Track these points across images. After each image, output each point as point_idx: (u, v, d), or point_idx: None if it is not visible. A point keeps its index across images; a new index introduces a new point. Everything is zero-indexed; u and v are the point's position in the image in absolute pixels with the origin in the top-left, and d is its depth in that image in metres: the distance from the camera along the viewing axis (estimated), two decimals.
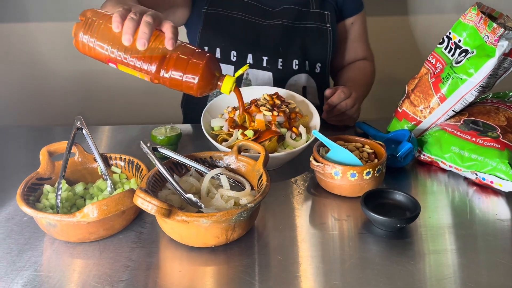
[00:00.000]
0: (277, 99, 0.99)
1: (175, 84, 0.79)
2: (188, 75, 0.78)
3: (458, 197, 0.88)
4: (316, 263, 0.70)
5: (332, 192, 0.86)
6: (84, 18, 0.80)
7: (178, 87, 0.80)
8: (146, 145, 0.79)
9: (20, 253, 0.72)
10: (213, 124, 1.01)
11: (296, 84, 1.24)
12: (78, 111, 0.98)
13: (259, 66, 1.21)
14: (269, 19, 1.21)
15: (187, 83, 0.78)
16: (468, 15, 0.97)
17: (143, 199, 0.66)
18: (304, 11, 1.22)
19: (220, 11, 1.20)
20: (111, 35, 0.78)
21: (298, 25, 1.22)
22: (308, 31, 1.23)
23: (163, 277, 0.68)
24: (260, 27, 1.21)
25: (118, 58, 0.79)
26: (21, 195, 0.74)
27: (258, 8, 1.21)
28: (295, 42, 1.22)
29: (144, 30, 0.73)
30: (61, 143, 0.85)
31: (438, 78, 0.98)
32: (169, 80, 0.78)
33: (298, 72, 1.23)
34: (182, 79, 0.78)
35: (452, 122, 0.98)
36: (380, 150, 0.89)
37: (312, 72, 1.26)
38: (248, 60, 1.21)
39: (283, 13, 1.21)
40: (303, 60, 1.23)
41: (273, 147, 0.93)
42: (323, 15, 1.24)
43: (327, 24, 1.24)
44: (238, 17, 1.20)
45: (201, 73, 0.77)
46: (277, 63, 1.21)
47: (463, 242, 0.75)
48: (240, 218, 0.69)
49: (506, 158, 0.86)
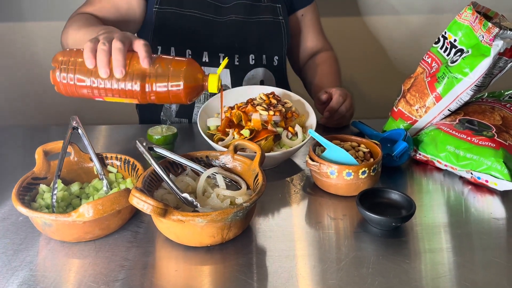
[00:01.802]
0: (273, 99, 1.00)
1: (163, 97, 0.80)
2: (173, 84, 0.78)
3: (454, 196, 0.88)
4: (312, 262, 0.70)
5: (328, 191, 0.87)
6: (57, 64, 0.80)
7: (167, 100, 0.81)
8: (142, 144, 0.79)
9: (16, 253, 0.72)
10: (209, 123, 1.01)
11: (253, 78, 1.24)
12: (74, 111, 0.97)
13: (216, 64, 1.20)
14: (222, 15, 1.20)
15: (174, 92, 0.79)
16: (464, 14, 0.97)
17: (139, 198, 0.66)
18: (256, 5, 1.23)
19: (171, 9, 1.17)
20: (88, 72, 0.78)
21: (251, 20, 1.22)
22: (262, 25, 1.23)
23: (159, 277, 0.68)
24: (213, 23, 1.19)
25: (102, 92, 0.79)
26: (16, 195, 0.74)
27: (210, 5, 1.19)
28: (250, 36, 1.22)
29: (118, 57, 0.74)
30: (57, 142, 0.84)
31: (433, 77, 0.99)
32: (156, 95, 0.80)
33: (255, 67, 1.23)
34: (168, 89, 0.79)
35: (447, 121, 0.98)
36: (376, 149, 0.89)
37: (270, 66, 1.26)
38: (204, 58, 1.20)
39: (235, 8, 1.20)
40: (260, 54, 1.24)
41: (269, 147, 0.93)
42: (275, 8, 1.25)
43: (280, 17, 1.25)
44: (190, 14, 1.18)
45: (184, 78, 0.78)
46: (233, 59, 1.21)
47: (458, 241, 0.75)
48: (236, 218, 0.70)
49: (501, 157, 0.87)
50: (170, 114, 1.27)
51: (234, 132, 0.94)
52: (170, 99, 0.80)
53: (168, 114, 1.27)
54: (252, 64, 1.23)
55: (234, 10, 1.20)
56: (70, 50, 0.81)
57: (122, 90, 0.78)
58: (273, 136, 0.94)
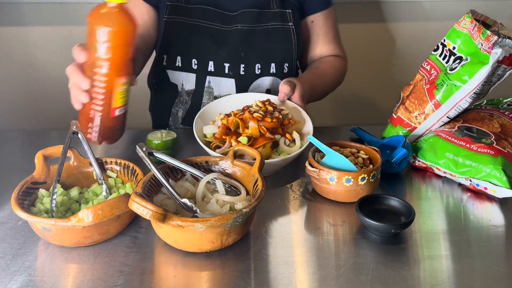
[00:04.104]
0: (269, 106, 0.99)
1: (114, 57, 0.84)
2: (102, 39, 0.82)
3: (453, 203, 0.88)
4: (311, 268, 0.70)
5: (327, 197, 0.87)
6: (84, 129, 0.90)
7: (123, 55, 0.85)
8: (142, 149, 0.79)
9: (15, 258, 0.72)
10: (206, 131, 1.00)
11: (259, 87, 1.23)
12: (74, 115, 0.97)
13: (221, 74, 1.20)
14: (229, 24, 1.20)
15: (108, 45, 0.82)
16: (462, 22, 0.97)
17: (138, 203, 0.66)
18: (264, 12, 1.21)
19: (180, 19, 1.18)
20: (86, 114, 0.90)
21: (258, 28, 1.20)
22: (270, 33, 1.21)
23: (157, 282, 0.67)
24: (219, 33, 1.19)
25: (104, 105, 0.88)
26: (15, 199, 0.74)
27: (217, 14, 1.19)
28: (257, 45, 1.21)
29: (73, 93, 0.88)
30: (57, 147, 0.84)
31: (432, 84, 0.99)
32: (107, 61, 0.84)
33: (261, 76, 1.22)
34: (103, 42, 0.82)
35: (446, 128, 0.99)
36: (375, 156, 0.90)
37: (280, 73, 1.24)
38: (209, 67, 1.20)
39: (242, 17, 1.20)
40: (267, 63, 1.22)
41: (267, 154, 0.93)
42: (285, 14, 1.22)
43: (290, 23, 1.22)
44: (197, 24, 1.18)
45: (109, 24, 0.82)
46: (239, 69, 1.20)
47: (457, 248, 0.75)
48: (235, 223, 0.70)
49: (500, 165, 0.87)
50: (176, 120, 1.28)
51: (231, 140, 0.93)
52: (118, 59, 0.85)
53: (174, 120, 1.28)
54: (258, 74, 1.22)
55: (241, 19, 1.20)
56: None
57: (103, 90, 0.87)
58: (271, 143, 0.94)
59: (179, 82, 1.24)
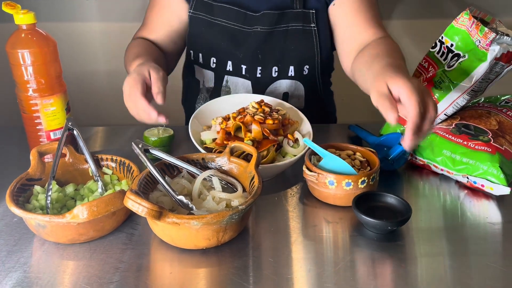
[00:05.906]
0: (265, 106, 0.98)
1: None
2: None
3: (450, 201, 0.88)
4: (308, 265, 0.70)
5: (326, 201, 0.85)
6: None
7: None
8: (138, 146, 0.78)
9: (10, 254, 0.72)
10: (204, 137, 0.97)
11: (276, 90, 1.21)
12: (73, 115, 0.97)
13: (239, 74, 1.20)
14: (249, 26, 1.17)
15: None
16: (460, 19, 0.97)
17: (134, 201, 0.65)
18: (285, 12, 1.15)
19: (202, 16, 1.18)
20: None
21: (278, 29, 1.16)
22: (290, 34, 1.16)
23: (153, 279, 0.67)
24: (239, 34, 1.17)
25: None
26: (10, 196, 0.73)
27: (239, 13, 1.16)
28: (275, 48, 1.17)
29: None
30: (52, 143, 0.84)
31: (430, 82, 0.99)
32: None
33: (278, 79, 1.20)
34: None
35: (444, 125, 0.98)
36: (372, 157, 0.89)
37: (300, 76, 1.20)
38: (228, 67, 1.19)
39: (264, 18, 1.15)
40: (285, 66, 1.19)
41: (273, 157, 0.91)
42: (308, 14, 1.16)
43: (312, 24, 1.16)
44: (218, 23, 1.17)
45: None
46: (255, 72, 1.19)
47: (454, 245, 0.75)
48: (231, 220, 0.69)
49: (497, 162, 0.87)
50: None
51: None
52: None
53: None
54: (275, 77, 1.19)
55: (261, 20, 1.15)
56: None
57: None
58: (276, 146, 0.92)
59: (201, 78, 1.25)
